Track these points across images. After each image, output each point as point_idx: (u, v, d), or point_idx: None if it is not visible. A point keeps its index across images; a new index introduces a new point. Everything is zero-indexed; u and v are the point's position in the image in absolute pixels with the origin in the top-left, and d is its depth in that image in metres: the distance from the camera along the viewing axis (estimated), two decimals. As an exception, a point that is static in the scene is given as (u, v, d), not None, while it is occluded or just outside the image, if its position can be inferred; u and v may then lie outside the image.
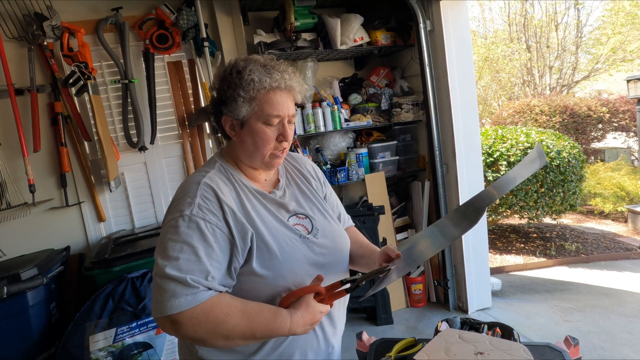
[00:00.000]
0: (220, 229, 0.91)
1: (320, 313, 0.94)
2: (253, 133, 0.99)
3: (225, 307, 0.87)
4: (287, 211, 1.05)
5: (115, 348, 2.05)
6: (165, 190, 2.98)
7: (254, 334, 0.89)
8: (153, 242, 2.43)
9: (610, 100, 7.38)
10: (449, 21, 2.74)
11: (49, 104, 2.68)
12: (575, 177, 4.15)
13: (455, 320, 1.52)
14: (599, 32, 9.48)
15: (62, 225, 2.76)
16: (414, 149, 3.30)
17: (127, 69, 2.73)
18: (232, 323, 0.87)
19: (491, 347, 1.19)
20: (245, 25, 2.92)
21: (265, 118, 0.97)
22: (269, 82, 0.96)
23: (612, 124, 6.90)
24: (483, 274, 3.03)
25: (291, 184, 1.14)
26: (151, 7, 2.82)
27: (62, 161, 2.67)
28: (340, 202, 1.30)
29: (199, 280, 0.85)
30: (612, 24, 9.08)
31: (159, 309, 0.84)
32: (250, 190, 1.02)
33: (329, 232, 1.08)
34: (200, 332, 0.86)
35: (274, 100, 0.97)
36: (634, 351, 2.43)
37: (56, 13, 2.57)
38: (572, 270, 3.73)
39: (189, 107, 2.95)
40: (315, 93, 3.01)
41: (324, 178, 1.24)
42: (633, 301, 3.05)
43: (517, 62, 9.52)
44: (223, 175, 1.01)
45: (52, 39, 2.59)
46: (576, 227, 5.02)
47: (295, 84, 1.01)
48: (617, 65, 9.26)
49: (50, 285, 2.25)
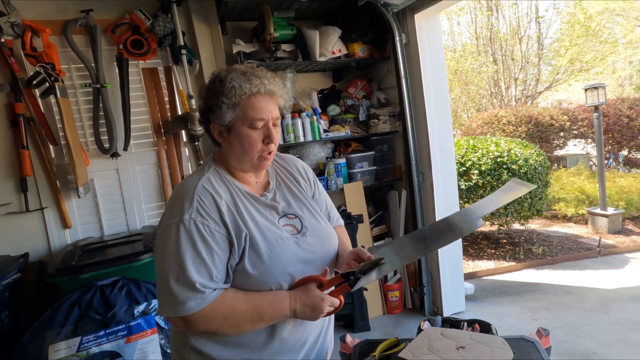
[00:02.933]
0: (218, 231, 0.97)
1: (322, 300, 1.00)
2: (240, 137, 1.03)
3: (230, 301, 0.97)
4: (277, 212, 1.10)
5: (80, 357, 1.95)
6: (138, 197, 2.91)
7: (261, 317, 0.98)
8: (125, 250, 2.37)
9: (570, 109, 7.80)
10: (423, 34, 2.83)
11: (7, 104, 2.56)
12: (541, 183, 4.36)
13: (436, 319, 1.61)
14: (558, 44, 9.99)
15: (20, 231, 2.63)
16: (391, 159, 3.36)
17: (98, 73, 2.66)
18: (239, 312, 0.97)
19: (472, 341, 1.27)
20: (224, 34, 2.91)
21: (249, 122, 1.02)
22: (249, 87, 1.01)
23: (572, 131, 7.28)
24: (457, 279, 3.12)
25: (281, 185, 1.17)
26: (125, 12, 2.76)
27: (23, 164, 2.55)
28: (331, 201, 1.33)
29: (206, 283, 0.94)
30: (569, 36, 9.58)
31: (170, 310, 0.93)
32: (243, 193, 1.07)
33: (317, 230, 1.13)
34: (213, 326, 0.96)
35: (256, 104, 1.02)
36: (594, 341, 2.62)
37: (15, 10, 2.45)
38: (539, 272, 3.92)
39: (165, 115, 2.90)
40: (295, 104, 3.02)
41: (314, 177, 1.28)
42: (593, 296, 3.27)
43: (484, 75, 9.90)
44: (218, 178, 1.06)
45: (11, 36, 2.47)
46: (542, 231, 5.25)
47: (276, 88, 1.06)
48: (575, 75, 9.76)
49: (3, 293, 2.15)
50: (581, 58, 9.49)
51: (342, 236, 1.29)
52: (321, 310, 1.00)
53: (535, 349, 1.31)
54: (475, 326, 1.53)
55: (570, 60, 9.53)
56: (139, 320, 2.09)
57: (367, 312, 3.00)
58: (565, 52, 9.64)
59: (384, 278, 3.24)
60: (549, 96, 11.47)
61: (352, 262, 1.09)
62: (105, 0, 2.72)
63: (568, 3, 10.08)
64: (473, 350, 1.23)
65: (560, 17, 10.34)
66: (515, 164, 4.18)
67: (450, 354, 1.21)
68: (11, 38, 2.49)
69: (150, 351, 2.08)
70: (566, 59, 9.58)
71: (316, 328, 1.15)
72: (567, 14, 10.13)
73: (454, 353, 1.22)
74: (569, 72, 9.75)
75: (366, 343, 1.47)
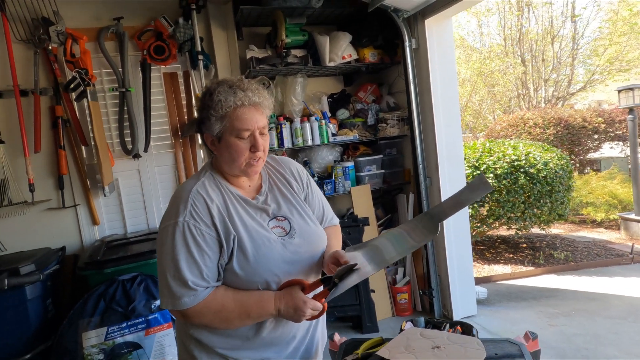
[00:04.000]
0: (209, 233, 1.05)
1: (304, 303, 1.05)
2: (228, 146, 1.11)
3: (220, 298, 1.06)
4: (267, 215, 1.16)
5: (107, 346, 2.13)
6: (157, 197, 3.07)
7: (248, 314, 1.06)
8: (144, 247, 2.52)
9: (606, 110, 7.46)
10: (433, 39, 2.84)
11: (50, 107, 2.78)
12: (563, 187, 4.24)
13: (419, 320, 1.65)
14: (596, 43, 9.55)
15: (58, 226, 2.84)
16: (400, 162, 3.38)
17: (125, 78, 2.83)
18: (228, 310, 1.05)
19: (448, 341, 1.31)
20: (239, 40, 3.02)
21: (236, 132, 1.09)
22: (234, 100, 1.08)
23: (608, 134, 6.97)
24: (467, 282, 3.10)
25: (273, 188, 1.23)
26: (150, 19, 2.94)
27: (60, 163, 2.76)
28: (326, 201, 1.38)
29: (197, 282, 1.03)
30: (610, 34, 9.13)
31: (169, 304, 1.04)
32: (236, 196, 1.14)
33: (305, 232, 1.18)
34: (205, 320, 1.06)
35: (241, 116, 1.09)
36: (618, 350, 2.51)
37: (62, 19, 2.68)
38: (560, 278, 3.80)
39: (182, 118, 3.05)
40: (304, 108, 3.10)
41: (307, 179, 1.32)
42: (620, 304, 3.12)
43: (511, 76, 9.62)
44: (212, 182, 1.13)
45: (56, 43, 2.70)
46: (567, 237, 5.09)
47: (260, 99, 1.12)
48: (613, 76, 9.32)
49: (46, 282, 2.36)
50: (622, 57, 9.04)
51: (332, 236, 1.33)
52: (303, 312, 1.05)
53: (520, 351, 1.33)
54: (457, 327, 1.56)
55: (609, 60, 9.09)
56: (156, 314, 2.24)
57: (375, 314, 3.02)
58: (604, 51, 9.21)
59: (392, 280, 3.27)
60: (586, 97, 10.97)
61: (331, 265, 1.14)
62: (134, 8, 2.91)
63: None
64: (448, 350, 1.27)
65: (601, 14, 9.87)
66: (533, 167, 4.09)
67: (424, 354, 1.26)
68: (56, 45, 2.72)
69: (167, 344, 2.24)
70: (604, 58, 9.14)
71: (304, 324, 1.20)
72: (608, 11, 9.64)
73: (429, 352, 1.27)
74: (607, 72, 9.30)
75: (352, 341, 1.52)
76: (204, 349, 1.13)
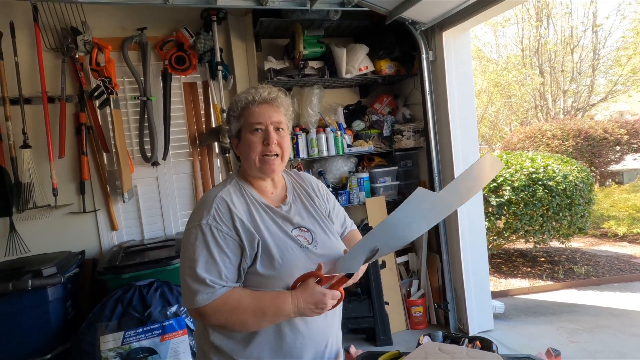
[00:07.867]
0: (230, 236, 1.09)
1: (324, 295, 1.07)
2: (244, 143, 1.18)
3: (237, 296, 1.08)
4: (291, 224, 1.19)
5: (124, 350, 2.16)
6: (174, 205, 3.12)
7: (264, 313, 1.07)
8: (161, 254, 2.56)
9: (629, 121, 7.28)
10: (450, 52, 2.84)
11: (75, 113, 2.86)
12: (583, 200, 4.14)
13: (437, 335, 1.62)
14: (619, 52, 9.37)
15: (78, 230, 2.91)
16: (415, 174, 3.37)
17: (146, 87, 2.90)
18: (244, 306, 1.07)
19: (467, 357, 1.27)
20: (258, 51, 3.08)
21: (249, 127, 1.17)
22: (245, 97, 1.18)
23: (631, 145, 6.80)
24: (484, 296, 3.05)
25: (297, 201, 1.27)
26: (173, 29, 3.02)
27: (83, 169, 2.83)
28: (345, 212, 1.43)
29: (215, 280, 1.06)
30: (634, 43, 8.95)
31: (187, 302, 1.07)
32: (260, 204, 1.18)
33: (327, 245, 1.21)
34: (221, 319, 1.07)
35: (254, 112, 1.17)
36: None
37: (89, 29, 2.78)
38: (581, 293, 3.70)
39: (201, 127, 3.11)
40: (320, 119, 3.12)
41: (327, 195, 1.36)
42: None
43: (529, 87, 9.49)
44: (237, 190, 1.18)
45: (83, 52, 2.79)
46: (587, 250, 4.96)
47: (272, 96, 1.19)
48: (638, 86, 9.12)
49: (66, 285, 2.42)
50: (646, 67, 8.84)
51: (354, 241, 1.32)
52: (324, 304, 1.07)
53: (542, 369, 1.31)
54: (476, 343, 1.53)
55: (632, 70, 8.90)
56: (171, 320, 2.27)
57: (389, 327, 2.99)
58: (627, 60, 9.02)
59: (407, 293, 3.24)
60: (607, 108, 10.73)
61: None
62: (157, 19, 3.00)
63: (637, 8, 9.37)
64: None
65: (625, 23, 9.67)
66: (552, 180, 4.02)
67: None
68: (82, 54, 2.81)
69: (181, 351, 2.25)
70: (628, 68, 8.96)
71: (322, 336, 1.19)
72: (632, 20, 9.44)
73: None
74: (631, 82, 9.11)
75: (368, 354, 1.51)
76: (223, 357, 1.14)
